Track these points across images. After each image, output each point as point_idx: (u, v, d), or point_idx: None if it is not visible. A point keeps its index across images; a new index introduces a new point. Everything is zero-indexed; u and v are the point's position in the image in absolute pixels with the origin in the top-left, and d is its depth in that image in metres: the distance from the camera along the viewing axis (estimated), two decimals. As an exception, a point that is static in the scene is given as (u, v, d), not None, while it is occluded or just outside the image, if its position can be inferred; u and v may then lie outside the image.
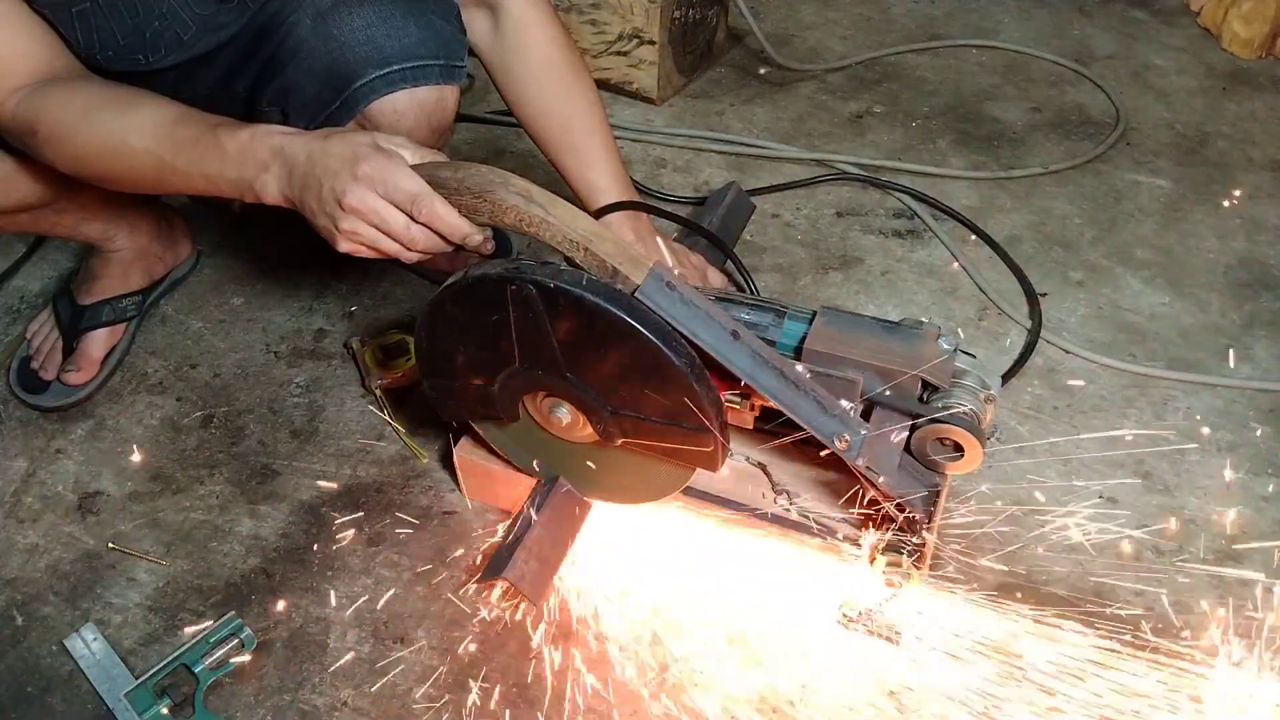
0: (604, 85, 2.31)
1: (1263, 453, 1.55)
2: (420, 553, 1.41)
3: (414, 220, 1.12)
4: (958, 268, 1.90)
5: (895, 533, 1.22)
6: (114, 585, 1.38)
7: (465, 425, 1.37)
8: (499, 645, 1.29)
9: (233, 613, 1.33)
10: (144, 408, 1.64)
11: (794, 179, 2.11)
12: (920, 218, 2.02)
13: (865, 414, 1.21)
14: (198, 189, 1.22)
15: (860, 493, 1.23)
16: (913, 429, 1.20)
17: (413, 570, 1.39)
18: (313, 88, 1.38)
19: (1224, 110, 2.36)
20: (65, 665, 1.29)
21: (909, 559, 1.21)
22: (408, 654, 1.29)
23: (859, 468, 1.16)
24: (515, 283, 1.09)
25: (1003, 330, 1.78)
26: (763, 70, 2.47)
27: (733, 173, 2.15)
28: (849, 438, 1.14)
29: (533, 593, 1.25)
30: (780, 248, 1.96)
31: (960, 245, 1.95)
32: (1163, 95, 2.41)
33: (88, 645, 1.30)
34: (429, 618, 1.33)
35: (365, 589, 1.37)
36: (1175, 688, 1.20)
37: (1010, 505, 1.46)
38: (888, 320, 1.23)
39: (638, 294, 1.08)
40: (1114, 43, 2.60)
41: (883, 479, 1.16)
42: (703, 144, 2.23)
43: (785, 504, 1.32)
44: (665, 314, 1.09)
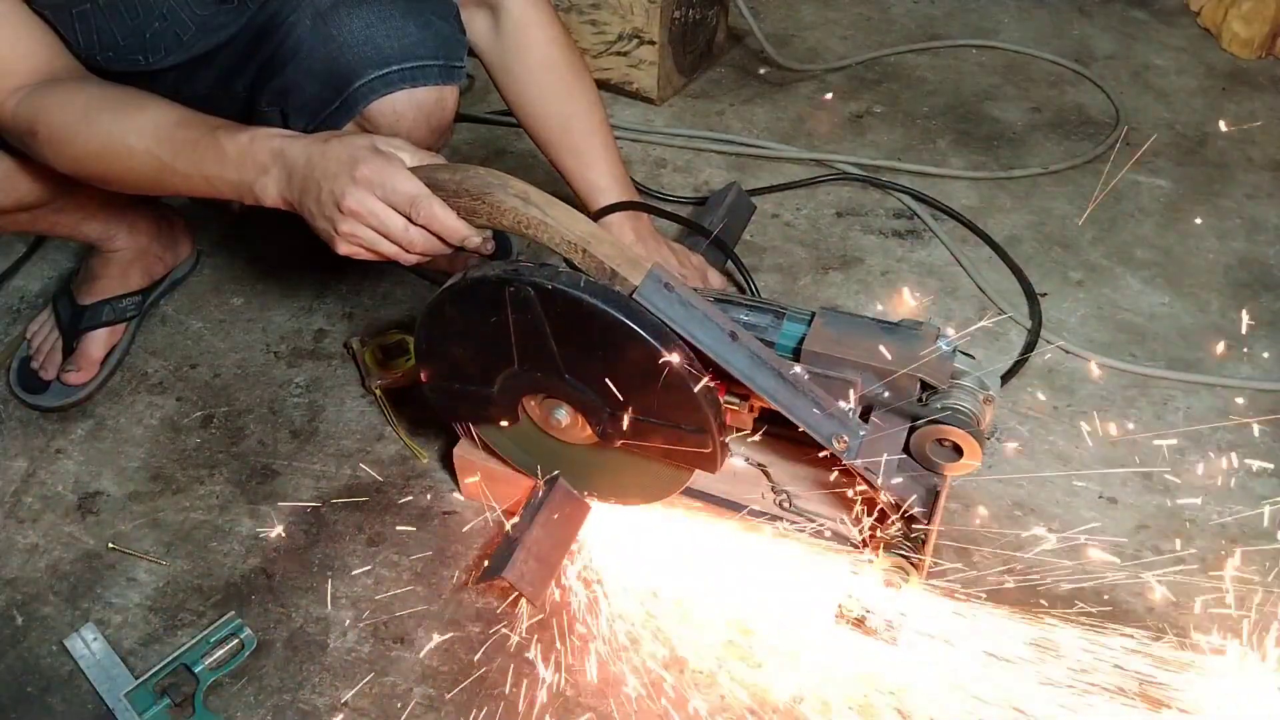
0: (604, 85, 2.31)
1: (1263, 453, 1.55)
2: (420, 553, 1.41)
3: (412, 222, 1.13)
4: (958, 268, 1.90)
5: (894, 533, 1.22)
6: (114, 585, 1.38)
7: (465, 426, 1.37)
8: (499, 645, 1.29)
9: (232, 613, 1.33)
10: (144, 408, 1.64)
11: (794, 179, 2.11)
12: (920, 218, 2.02)
13: (864, 415, 1.21)
14: (197, 191, 1.22)
15: (860, 494, 1.23)
16: (912, 430, 1.20)
17: (413, 570, 1.39)
18: (312, 88, 1.38)
19: (1224, 110, 2.35)
20: (65, 665, 1.29)
21: (908, 560, 1.21)
22: (408, 654, 1.29)
23: (857, 469, 1.16)
24: (514, 284, 1.10)
25: (1003, 330, 1.78)
26: (763, 70, 2.47)
27: (733, 173, 2.15)
28: (847, 439, 1.14)
29: (532, 592, 1.25)
30: (780, 248, 1.96)
31: (960, 245, 1.95)
32: (1163, 95, 2.41)
33: (88, 645, 1.30)
34: (429, 618, 1.33)
35: (365, 589, 1.37)
36: (1175, 687, 1.20)
37: (1010, 506, 1.46)
38: (886, 321, 1.23)
39: (635, 295, 1.08)
40: (1114, 43, 2.60)
41: (881, 480, 1.16)
42: (703, 144, 2.23)
43: (785, 504, 1.32)
44: (663, 315, 1.09)
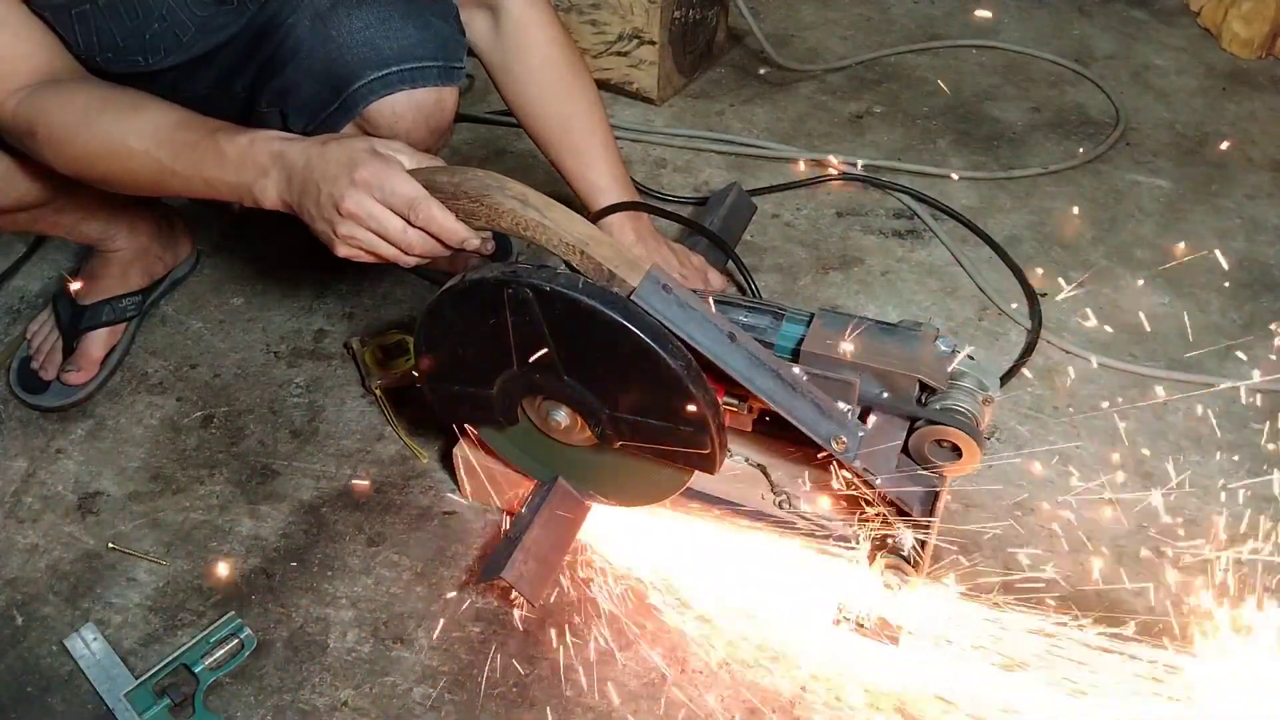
0: (604, 85, 2.31)
1: (1263, 453, 1.55)
2: (420, 553, 1.41)
3: (411, 225, 1.13)
4: (958, 268, 1.90)
5: (893, 534, 1.22)
6: (114, 585, 1.38)
7: (465, 428, 1.37)
8: (499, 645, 1.30)
9: (232, 613, 1.33)
10: (144, 408, 1.64)
11: (794, 179, 2.11)
12: (920, 218, 2.02)
13: (863, 416, 1.21)
14: (196, 193, 1.22)
15: (859, 494, 1.23)
16: (911, 430, 1.20)
17: (413, 570, 1.39)
18: (311, 88, 1.38)
19: (1224, 110, 2.35)
20: (65, 665, 1.30)
21: (907, 560, 1.21)
22: (408, 654, 1.29)
23: (856, 469, 1.16)
24: (512, 286, 1.10)
25: (1002, 330, 1.78)
26: (763, 70, 2.46)
27: (733, 173, 2.15)
28: (846, 440, 1.14)
29: (531, 593, 1.26)
30: (780, 248, 1.96)
31: (960, 245, 1.95)
32: (1163, 95, 2.41)
33: (88, 645, 1.30)
34: (429, 618, 1.33)
35: (365, 589, 1.37)
36: (1175, 687, 1.20)
37: (1010, 506, 1.46)
38: (885, 322, 1.23)
39: (634, 297, 1.08)
40: (1114, 43, 2.60)
41: (880, 480, 1.16)
42: (703, 144, 2.23)
43: (784, 505, 1.32)
44: (661, 317, 1.09)
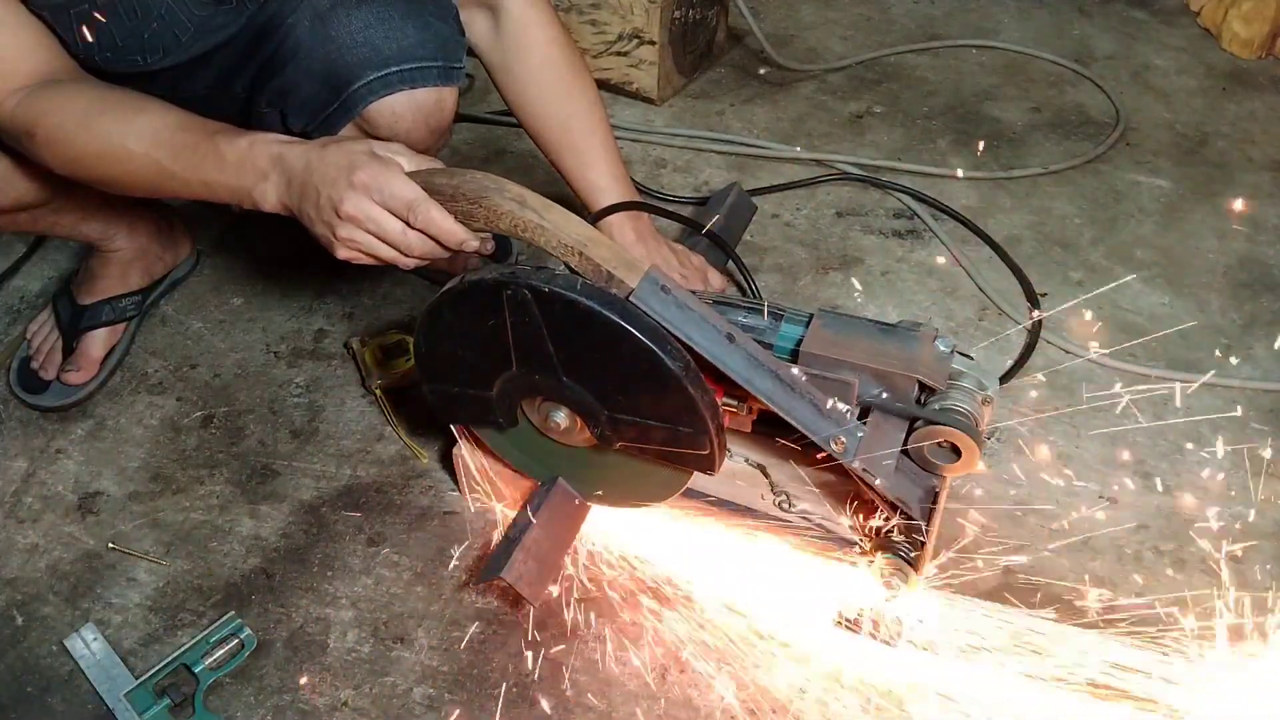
0: (604, 85, 2.31)
1: (1263, 453, 1.54)
2: (420, 553, 1.41)
3: (410, 227, 1.13)
4: (958, 268, 1.90)
5: (893, 534, 1.22)
6: (114, 585, 1.39)
7: (465, 429, 1.38)
8: (499, 645, 1.30)
9: (232, 613, 1.33)
10: (144, 408, 1.64)
11: (794, 179, 2.11)
12: (920, 218, 2.02)
13: (862, 416, 1.21)
14: (196, 195, 1.22)
15: (859, 494, 1.23)
16: (910, 431, 1.20)
17: (413, 570, 1.39)
18: (311, 88, 1.38)
19: (1224, 110, 2.35)
20: (65, 665, 1.30)
21: (907, 561, 1.21)
22: (408, 654, 1.29)
23: (855, 470, 1.16)
24: (511, 287, 1.10)
25: (1002, 330, 1.78)
26: (763, 70, 2.46)
27: (733, 173, 2.15)
28: (845, 440, 1.14)
29: (531, 593, 1.26)
30: (780, 248, 1.96)
31: (960, 245, 1.95)
32: (1163, 95, 2.41)
33: (88, 645, 1.30)
34: (429, 618, 1.33)
35: (365, 589, 1.37)
36: (1175, 688, 1.20)
37: (1010, 506, 1.46)
38: (884, 322, 1.23)
39: (632, 298, 1.08)
40: (1114, 43, 2.60)
41: (879, 481, 1.16)
42: (703, 144, 2.23)
43: (784, 505, 1.32)
44: (660, 318, 1.09)
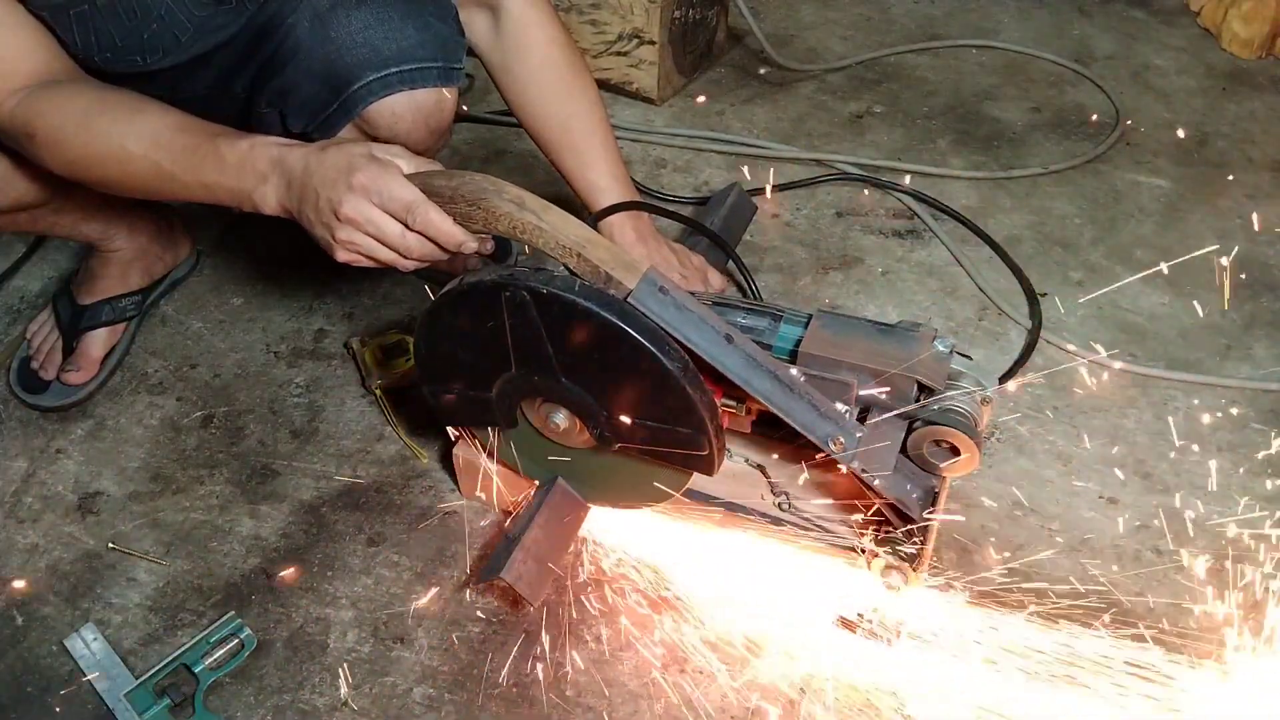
0: (604, 85, 2.31)
1: (1262, 453, 1.54)
2: (420, 553, 1.41)
3: (409, 229, 1.13)
4: (958, 268, 1.90)
5: (893, 535, 1.22)
6: (114, 585, 1.39)
7: (465, 430, 1.38)
8: (499, 645, 1.30)
9: (232, 613, 1.33)
10: (144, 408, 1.64)
11: (794, 179, 2.11)
12: (920, 218, 2.02)
13: (861, 417, 1.21)
14: (195, 197, 1.22)
15: (859, 495, 1.23)
16: (909, 431, 1.20)
17: (413, 570, 1.39)
18: (310, 89, 1.38)
19: (1224, 110, 2.35)
20: (65, 665, 1.30)
21: (907, 561, 1.22)
22: (408, 654, 1.29)
23: (854, 470, 1.16)
24: (509, 289, 1.10)
25: (1003, 330, 1.78)
26: (763, 70, 2.46)
27: (733, 173, 2.15)
28: (844, 441, 1.14)
29: (530, 593, 1.26)
30: (780, 248, 1.96)
31: (960, 245, 1.95)
32: (1163, 95, 2.41)
33: (88, 645, 1.30)
34: (429, 618, 1.33)
35: (365, 589, 1.37)
36: (1175, 689, 1.21)
37: (1010, 506, 1.46)
38: (883, 323, 1.23)
39: (630, 299, 1.09)
40: (1114, 43, 2.60)
41: (878, 481, 1.16)
42: (703, 144, 2.23)
43: (784, 506, 1.32)
44: (658, 318, 1.09)
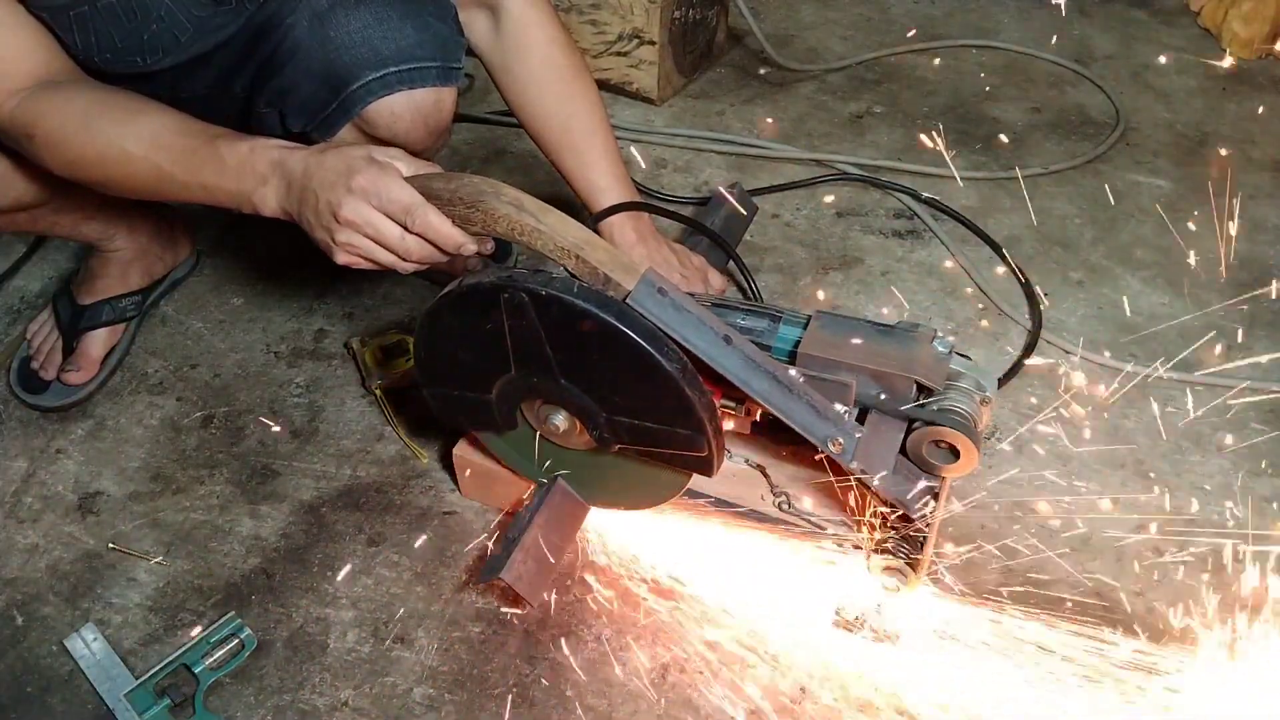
0: (604, 85, 2.31)
1: (1263, 453, 1.54)
2: (420, 553, 1.41)
3: (408, 231, 1.13)
4: (958, 268, 1.90)
5: (893, 535, 1.22)
6: (114, 585, 1.39)
7: (465, 431, 1.38)
8: (499, 645, 1.30)
9: (232, 613, 1.33)
10: (144, 408, 1.64)
11: (794, 179, 2.11)
12: (920, 218, 2.02)
13: (861, 418, 1.21)
14: (195, 199, 1.22)
15: (859, 495, 1.23)
16: (909, 432, 1.20)
17: (413, 570, 1.39)
18: (310, 88, 1.38)
19: (1224, 110, 2.35)
20: (65, 665, 1.30)
21: (907, 561, 1.22)
22: (408, 654, 1.29)
23: (853, 471, 1.16)
24: (508, 291, 1.10)
25: (1003, 330, 1.78)
26: (763, 70, 2.47)
27: (733, 173, 2.15)
28: (843, 442, 1.14)
29: (530, 593, 1.26)
30: (781, 248, 1.96)
31: (960, 245, 1.95)
32: (1163, 95, 2.41)
33: (88, 645, 1.30)
34: (429, 618, 1.33)
35: (365, 589, 1.37)
36: (1174, 688, 1.21)
37: (1009, 506, 1.46)
38: (882, 323, 1.23)
39: (629, 300, 1.09)
40: (1114, 43, 2.60)
41: (878, 482, 1.16)
42: (703, 144, 2.23)
43: (784, 506, 1.32)
44: (657, 320, 1.09)
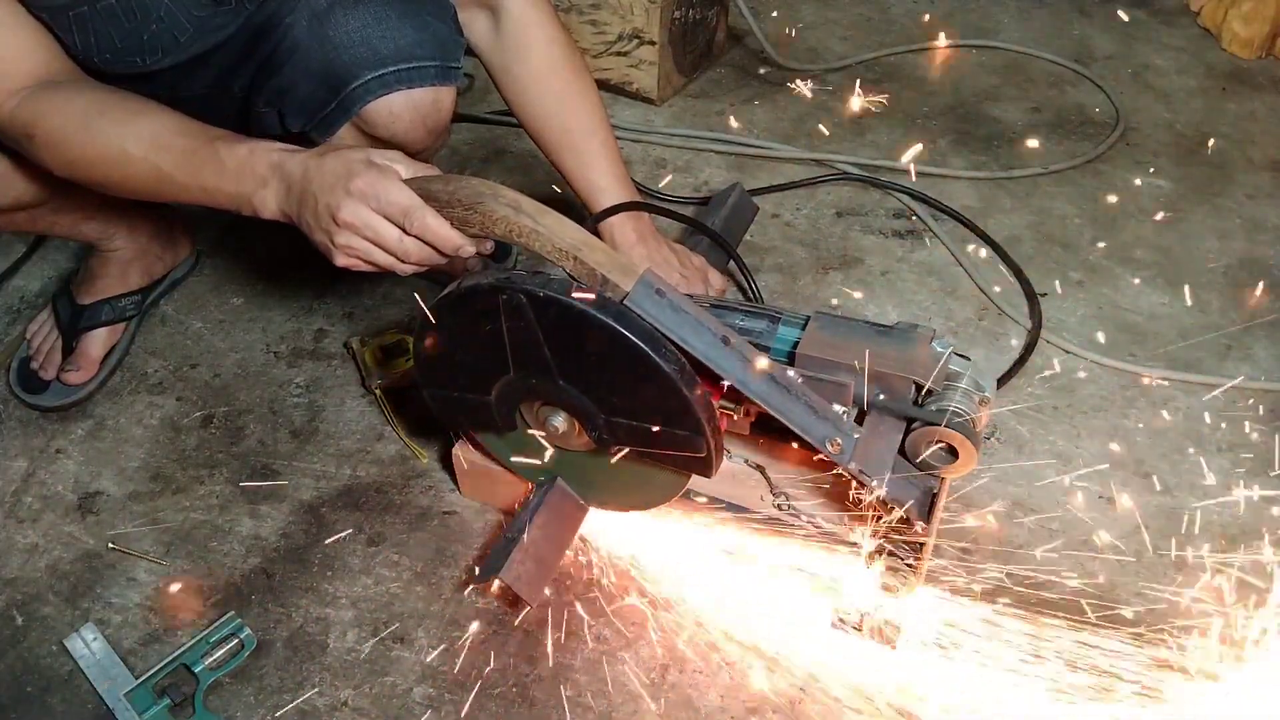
0: (604, 85, 2.31)
1: (1263, 452, 1.54)
2: (420, 553, 1.41)
3: (407, 233, 1.13)
4: (958, 268, 1.90)
5: (892, 535, 1.22)
6: (114, 585, 1.39)
7: (465, 432, 1.38)
8: (499, 645, 1.30)
9: (232, 612, 1.33)
10: (144, 408, 1.64)
11: (794, 179, 2.11)
12: (920, 218, 2.02)
13: (859, 419, 1.21)
14: (195, 200, 1.22)
15: (858, 496, 1.23)
16: (907, 432, 1.20)
17: (413, 570, 1.39)
18: (308, 88, 1.38)
19: (1224, 110, 2.35)
20: (65, 665, 1.30)
21: (906, 562, 1.21)
22: (408, 654, 1.30)
23: (852, 471, 1.16)
24: (506, 292, 1.10)
25: (1003, 330, 1.78)
26: (763, 70, 2.47)
27: (733, 173, 2.15)
28: (841, 442, 1.14)
29: (529, 593, 1.26)
30: (781, 248, 1.96)
31: (960, 245, 1.95)
32: (1163, 95, 2.41)
33: (88, 645, 1.31)
34: (429, 618, 1.33)
35: (365, 589, 1.37)
36: (1174, 689, 1.21)
37: (1010, 506, 1.46)
38: (881, 324, 1.23)
39: (627, 301, 1.09)
40: (1114, 43, 2.60)
41: (876, 482, 1.16)
42: (702, 144, 2.23)
43: (784, 506, 1.32)
44: (655, 321, 1.09)
